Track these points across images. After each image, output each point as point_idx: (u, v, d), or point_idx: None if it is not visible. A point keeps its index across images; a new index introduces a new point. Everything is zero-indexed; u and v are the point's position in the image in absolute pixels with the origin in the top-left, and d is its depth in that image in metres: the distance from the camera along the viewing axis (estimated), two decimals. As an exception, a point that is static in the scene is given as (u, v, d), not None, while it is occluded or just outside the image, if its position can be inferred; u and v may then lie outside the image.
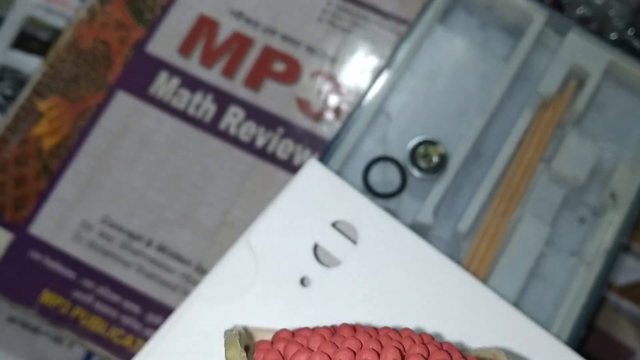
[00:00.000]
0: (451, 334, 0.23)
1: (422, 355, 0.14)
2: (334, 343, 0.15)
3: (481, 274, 0.28)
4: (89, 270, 0.33)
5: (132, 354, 0.32)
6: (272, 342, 0.16)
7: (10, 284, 0.33)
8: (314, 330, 0.16)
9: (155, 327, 0.32)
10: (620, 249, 0.28)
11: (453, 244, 0.28)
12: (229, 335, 0.16)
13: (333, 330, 0.16)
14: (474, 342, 0.23)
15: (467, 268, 0.28)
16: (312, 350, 0.15)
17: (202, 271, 0.33)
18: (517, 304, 0.28)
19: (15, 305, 0.32)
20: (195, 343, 0.22)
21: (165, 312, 0.32)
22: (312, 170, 0.24)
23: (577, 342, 0.27)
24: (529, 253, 0.28)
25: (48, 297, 0.33)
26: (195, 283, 0.33)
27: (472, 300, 0.23)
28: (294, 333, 0.17)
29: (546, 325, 0.27)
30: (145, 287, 0.33)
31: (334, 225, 0.24)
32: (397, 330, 0.17)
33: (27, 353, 0.34)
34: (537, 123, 0.30)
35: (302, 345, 0.15)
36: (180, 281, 0.33)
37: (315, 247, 0.24)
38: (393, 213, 0.28)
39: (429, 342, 0.16)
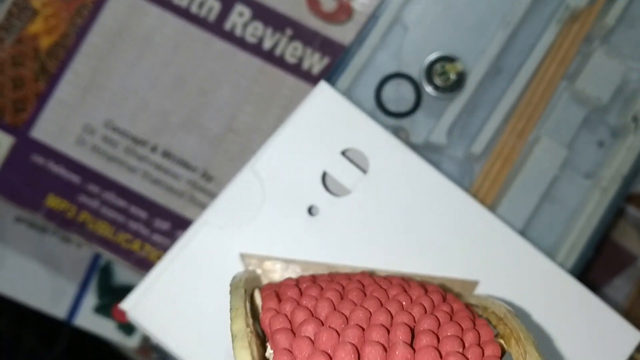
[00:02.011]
0: (459, 264, 0.23)
1: (432, 332, 0.14)
2: (343, 313, 0.15)
3: (493, 195, 0.27)
4: (93, 175, 0.33)
5: (141, 258, 0.32)
6: (277, 297, 0.16)
7: (15, 188, 0.32)
8: (322, 289, 0.16)
9: (162, 233, 0.32)
10: (636, 174, 0.27)
11: (466, 164, 0.28)
12: (234, 300, 0.16)
13: (341, 287, 0.16)
14: (481, 271, 0.23)
15: (479, 189, 0.27)
16: (320, 320, 0.15)
17: (208, 178, 0.33)
18: (527, 225, 0.27)
19: (22, 209, 0.32)
20: (202, 269, 0.22)
21: (172, 218, 0.32)
22: (323, 94, 0.23)
23: (584, 265, 0.27)
24: (543, 176, 0.27)
25: (54, 201, 0.32)
26: (201, 190, 0.33)
27: (480, 229, 0.23)
28: (300, 289, 0.16)
29: (555, 247, 0.27)
30: (152, 193, 0.33)
31: (343, 153, 0.23)
32: (406, 290, 0.16)
33: (35, 252, 0.35)
34: (563, 38, 0.28)
35: (310, 312, 0.15)
36: (186, 187, 0.33)
37: (324, 176, 0.23)
38: (405, 132, 0.27)
39: (438, 307, 0.16)
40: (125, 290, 0.36)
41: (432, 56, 0.27)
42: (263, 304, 0.16)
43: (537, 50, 0.28)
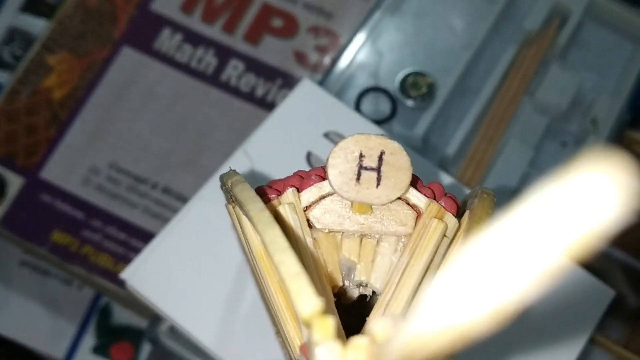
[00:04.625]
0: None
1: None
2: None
3: (469, 195, 0.29)
4: (97, 211, 0.35)
5: (139, 289, 0.33)
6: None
7: (23, 225, 0.34)
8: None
9: (160, 264, 0.34)
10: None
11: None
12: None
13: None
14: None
15: (455, 191, 0.29)
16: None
17: (205, 212, 0.35)
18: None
19: (28, 245, 0.34)
20: (197, 240, 0.24)
21: (170, 250, 0.34)
22: (305, 87, 0.26)
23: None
24: (514, 174, 0.29)
25: (58, 236, 0.34)
26: (198, 222, 0.34)
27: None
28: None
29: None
30: (151, 225, 0.34)
31: (326, 135, 0.25)
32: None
33: (38, 295, 0.36)
34: (522, 58, 0.31)
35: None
36: (184, 221, 0.34)
37: (309, 155, 0.25)
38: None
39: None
40: (123, 330, 0.36)
41: (405, 71, 0.31)
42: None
43: (498, 68, 0.31)
